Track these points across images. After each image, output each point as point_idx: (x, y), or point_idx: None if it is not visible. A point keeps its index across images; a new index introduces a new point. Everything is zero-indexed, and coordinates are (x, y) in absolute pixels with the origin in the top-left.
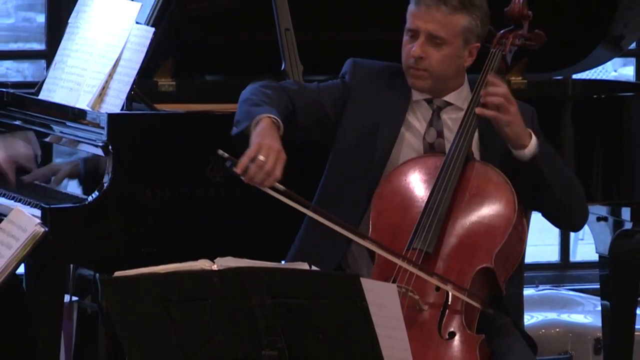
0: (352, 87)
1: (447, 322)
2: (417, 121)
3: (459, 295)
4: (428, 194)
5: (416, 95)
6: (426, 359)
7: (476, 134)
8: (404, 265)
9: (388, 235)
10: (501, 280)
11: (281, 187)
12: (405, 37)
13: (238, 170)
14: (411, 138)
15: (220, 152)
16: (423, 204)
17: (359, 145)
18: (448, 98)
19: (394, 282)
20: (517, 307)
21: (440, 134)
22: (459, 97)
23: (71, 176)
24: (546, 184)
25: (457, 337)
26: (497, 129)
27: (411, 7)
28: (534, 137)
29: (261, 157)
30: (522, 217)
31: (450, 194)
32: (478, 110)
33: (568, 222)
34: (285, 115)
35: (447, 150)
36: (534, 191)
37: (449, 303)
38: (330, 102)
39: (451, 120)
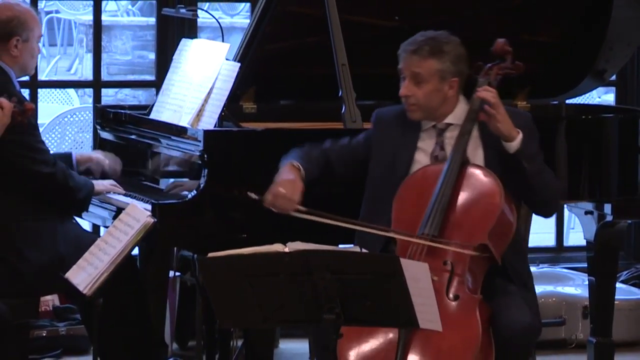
0: (374, 134)
1: (452, 287)
2: (426, 144)
3: (462, 251)
4: (434, 193)
5: (425, 125)
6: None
7: (481, 145)
8: (419, 241)
9: (406, 226)
10: (497, 254)
11: (303, 208)
12: (401, 81)
13: (266, 204)
14: (422, 158)
15: (249, 194)
16: (430, 201)
17: (382, 176)
18: (448, 120)
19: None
20: (521, 276)
21: (442, 148)
22: (456, 116)
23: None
24: (525, 174)
25: (460, 298)
26: (492, 128)
27: (399, 59)
28: (520, 135)
29: (280, 189)
30: (511, 205)
31: (449, 191)
32: (476, 95)
33: (543, 208)
34: (316, 164)
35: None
36: (518, 178)
37: (453, 273)
38: (358, 146)
39: (453, 137)
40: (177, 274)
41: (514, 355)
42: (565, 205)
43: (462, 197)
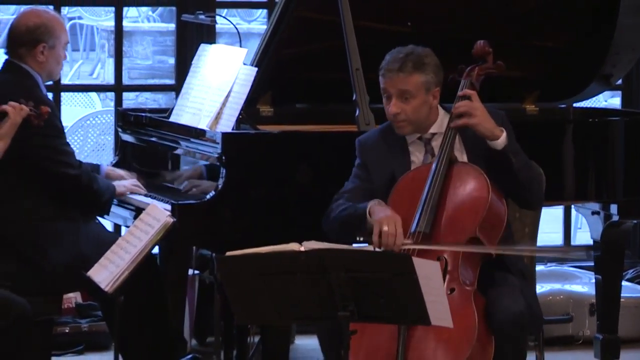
0: (366, 161)
1: (447, 281)
2: (417, 156)
3: (455, 249)
4: (424, 192)
5: (410, 138)
6: None
7: (463, 145)
8: (411, 247)
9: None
10: (490, 246)
11: (409, 241)
12: (384, 100)
13: (375, 246)
14: None
15: (358, 238)
16: (421, 200)
17: (388, 192)
18: (432, 130)
19: None
20: (516, 266)
21: (433, 155)
22: (439, 125)
23: (190, 178)
24: (512, 170)
25: (455, 291)
26: (474, 130)
27: (381, 79)
28: (504, 132)
29: (385, 228)
30: (501, 200)
31: (439, 190)
32: (452, 124)
33: (528, 201)
34: None
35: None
36: (505, 176)
37: (448, 268)
38: (364, 180)
39: (439, 144)
40: (196, 272)
41: (508, 342)
42: (572, 206)
43: (452, 193)
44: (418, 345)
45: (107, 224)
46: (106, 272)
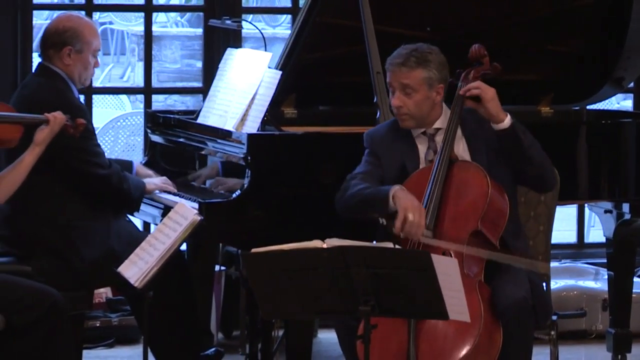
0: (376, 150)
1: None
2: (421, 150)
3: (458, 247)
4: (426, 191)
5: (415, 133)
6: None
7: (464, 140)
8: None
9: None
10: (493, 239)
11: (429, 232)
12: (390, 94)
13: (396, 232)
14: (422, 165)
15: (381, 220)
16: (424, 199)
17: (397, 180)
18: (436, 125)
19: None
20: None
21: (435, 152)
22: (443, 121)
23: (209, 177)
24: (524, 147)
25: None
26: (483, 107)
27: (387, 73)
28: (508, 115)
29: (410, 217)
30: (503, 195)
31: (440, 187)
32: (467, 92)
33: (542, 182)
34: None
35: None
36: (516, 157)
37: None
38: (376, 166)
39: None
40: (222, 268)
41: (512, 327)
42: (585, 205)
43: (453, 190)
44: (427, 335)
45: (137, 221)
46: (136, 268)
